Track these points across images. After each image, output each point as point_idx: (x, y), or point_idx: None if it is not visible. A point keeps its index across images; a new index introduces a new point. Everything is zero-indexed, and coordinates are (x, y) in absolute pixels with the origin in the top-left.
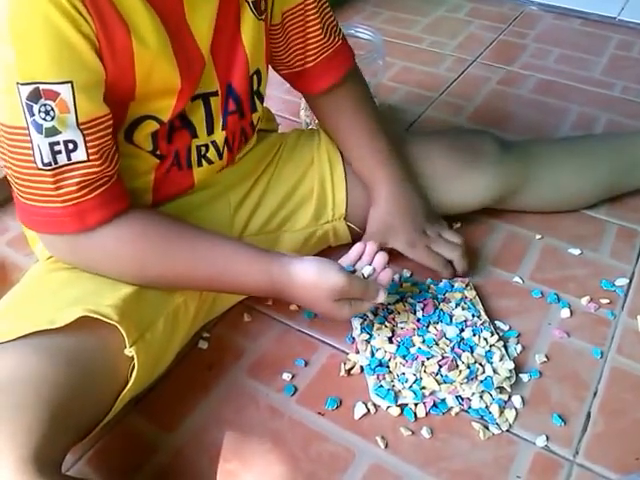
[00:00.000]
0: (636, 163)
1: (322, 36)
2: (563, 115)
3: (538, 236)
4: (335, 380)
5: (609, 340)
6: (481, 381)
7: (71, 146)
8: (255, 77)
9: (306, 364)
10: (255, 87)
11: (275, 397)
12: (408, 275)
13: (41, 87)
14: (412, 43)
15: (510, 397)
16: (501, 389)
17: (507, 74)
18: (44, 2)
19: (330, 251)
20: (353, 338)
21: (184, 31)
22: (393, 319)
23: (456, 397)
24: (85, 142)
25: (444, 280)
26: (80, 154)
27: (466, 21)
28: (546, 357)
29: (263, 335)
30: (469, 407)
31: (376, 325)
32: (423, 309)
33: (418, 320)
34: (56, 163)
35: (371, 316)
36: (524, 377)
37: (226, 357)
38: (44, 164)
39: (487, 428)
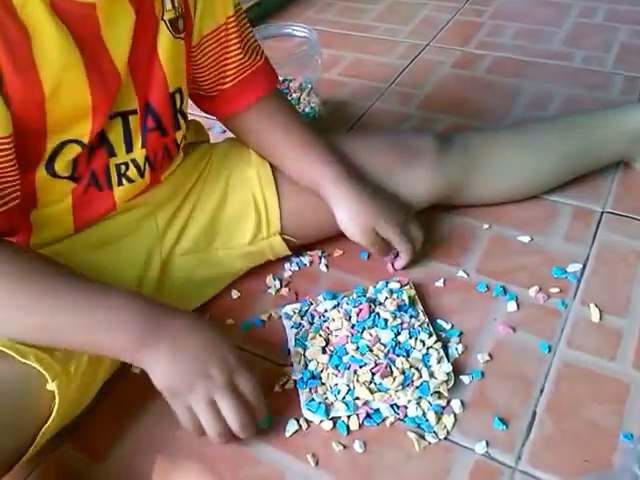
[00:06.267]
0: (587, 146)
1: (242, 56)
2: (519, 94)
3: (486, 225)
4: (270, 396)
5: (558, 332)
6: (417, 387)
7: None
8: (178, 96)
9: None
10: (178, 105)
11: None
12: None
13: None
14: (364, 33)
15: (449, 402)
16: (439, 394)
17: (462, 56)
18: None
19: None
20: (289, 350)
21: (98, 46)
22: (328, 327)
23: (391, 406)
24: None
25: (381, 281)
26: None
27: (420, 4)
28: (489, 356)
29: None
30: (405, 416)
31: (310, 334)
32: (358, 314)
33: (353, 326)
34: None
35: (307, 325)
36: (465, 379)
37: None
38: None
39: (423, 437)
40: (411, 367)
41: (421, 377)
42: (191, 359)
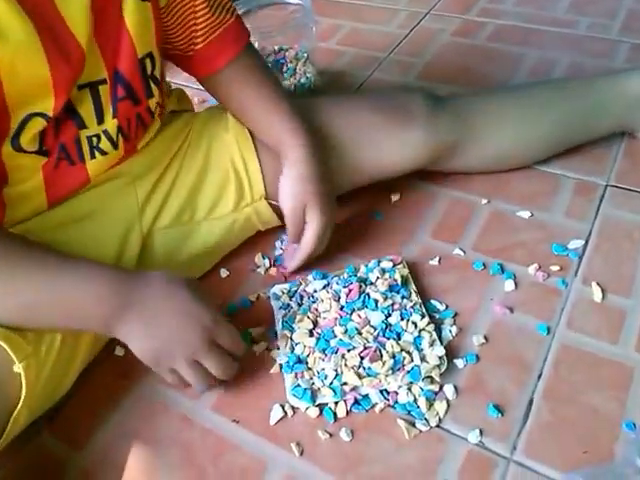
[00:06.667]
0: (588, 113)
1: (210, 15)
2: (521, 62)
3: (484, 200)
4: (255, 381)
5: (558, 313)
6: (408, 371)
7: None
8: (148, 61)
9: None
10: (149, 71)
11: (188, 405)
12: None
13: None
14: (362, 1)
15: (442, 387)
16: (430, 379)
17: (462, 24)
18: None
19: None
20: (276, 332)
21: (54, 18)
22: (316, 309)
23: (381, 391)
24: None
25: (373, 259)
26: None
27: None
28: (485, 338)
29: None
30: (395, 402)
31: (298, 316)
32: (348, 295)
33: (341, 308)
34: None
35: (295, 307)
36: (459, 363)
37: (142, 364)
38: None
39: (414, 425)
40: (402, 350)
41: (412, 361)
42: (166, 328)
